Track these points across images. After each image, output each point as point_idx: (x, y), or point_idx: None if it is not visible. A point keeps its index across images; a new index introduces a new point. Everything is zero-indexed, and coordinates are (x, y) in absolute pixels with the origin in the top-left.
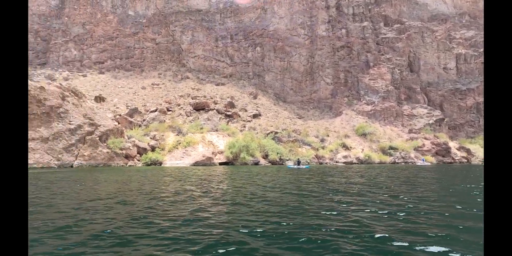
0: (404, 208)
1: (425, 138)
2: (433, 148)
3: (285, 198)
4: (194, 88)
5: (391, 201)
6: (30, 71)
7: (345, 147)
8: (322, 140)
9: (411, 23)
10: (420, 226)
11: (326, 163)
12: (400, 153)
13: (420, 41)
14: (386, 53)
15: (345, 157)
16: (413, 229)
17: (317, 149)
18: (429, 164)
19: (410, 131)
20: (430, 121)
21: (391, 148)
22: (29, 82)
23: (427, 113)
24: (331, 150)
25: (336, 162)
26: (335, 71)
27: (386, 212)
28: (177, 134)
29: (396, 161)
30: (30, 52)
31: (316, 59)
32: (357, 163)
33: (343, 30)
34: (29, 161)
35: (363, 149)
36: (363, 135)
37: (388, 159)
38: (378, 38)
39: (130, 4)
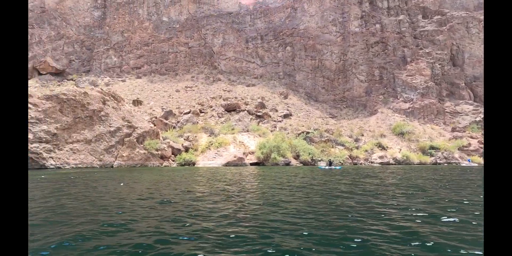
0: (447, 212)
1: (471, 137)
2: (481, 147)
3: (317, 199)
4: (225, 90)
5: (433, 204)
6: (76, 78)
7: (381, 147)
8: (356, 140)
9: (453, 14)
10: (466, 232)
11: (360, 164)
12: (442, 153)
13: (464, 32)
14: (425, 47)
15: (381, 157)
16: (460, 236)
17: (351, 149)
18: (476, 165)
19: (454, 130)
20: (477, 119)
21: (431, 147)
22: (75, 88)
23: (473, 109)
24: (366, 150)
25: (372, 162)
26: (369, 68)
27: (428, 215)
28: (209, 135)
29: (438, 161)
30: (76, 61)
31: (349, 57)
32: (394, 164)
33: (377, 25)
34: (75, 162)
35: (400, 149)
36: (401, 134)
37: (428, 159)
38: (416, 32)
39: (164, 10)
